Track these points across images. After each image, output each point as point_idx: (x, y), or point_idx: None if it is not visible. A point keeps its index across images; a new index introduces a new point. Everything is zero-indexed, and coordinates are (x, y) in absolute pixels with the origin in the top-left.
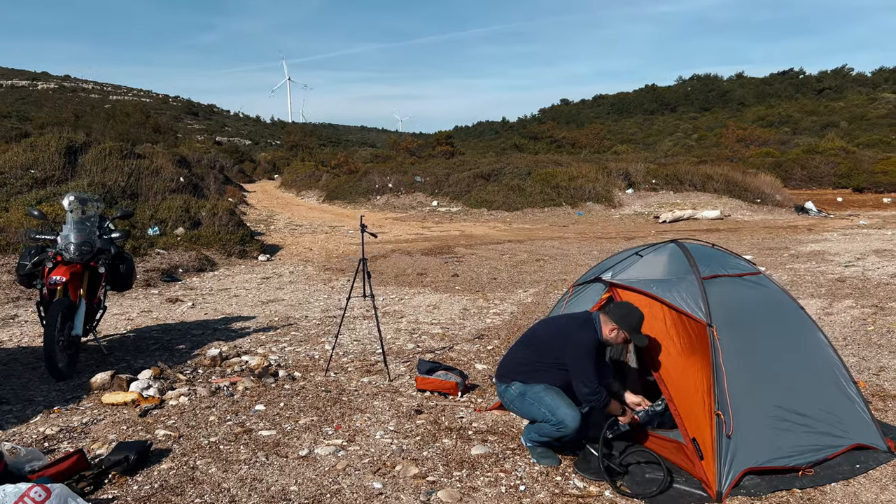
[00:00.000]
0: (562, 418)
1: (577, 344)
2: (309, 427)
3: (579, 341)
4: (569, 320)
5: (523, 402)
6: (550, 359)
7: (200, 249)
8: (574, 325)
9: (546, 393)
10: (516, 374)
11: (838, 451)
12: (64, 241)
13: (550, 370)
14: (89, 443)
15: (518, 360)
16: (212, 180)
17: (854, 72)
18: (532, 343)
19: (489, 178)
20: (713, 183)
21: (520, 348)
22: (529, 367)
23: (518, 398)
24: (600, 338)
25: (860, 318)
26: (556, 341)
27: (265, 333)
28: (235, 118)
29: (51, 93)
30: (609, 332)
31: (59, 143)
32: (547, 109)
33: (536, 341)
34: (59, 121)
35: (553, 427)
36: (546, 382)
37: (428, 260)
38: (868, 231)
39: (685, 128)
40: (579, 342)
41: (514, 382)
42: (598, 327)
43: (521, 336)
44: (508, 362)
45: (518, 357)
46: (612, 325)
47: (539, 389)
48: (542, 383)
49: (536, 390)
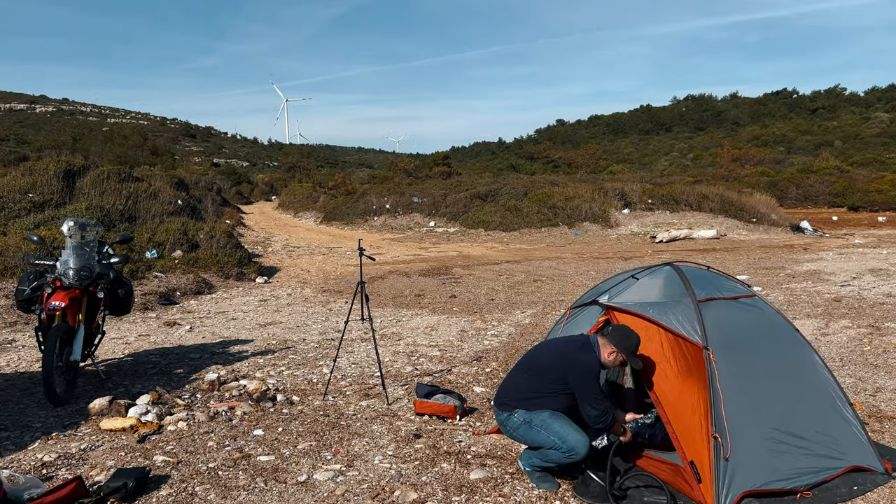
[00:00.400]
0: (573, 445)
1: (583, 368)
2: (307, 452)
3: (584, 365)
4: (568, 344)
5: (530, 430)
6: (553, 384)
7: (198, 272)
8: (575, 349)
9: (554, 420)
10: (518, 402)
11: (836, 473)
12: (63, 267)
13: (553, 395)
14: (88, 469)
15: (519, 386)
16: (209, 202)
17: (847, 91)
18: (532, 368)
19: (486, 199)
20: (709, 202)
21: (520, 374)
22: (532, 393)
23: (523, 426)
24: (599, 360)
25: (856, 339)
26: (559, 366)
27: (263, 357)
28: (233, 140)
29: (49, 116)
30: (608, 355)
31: (58, 167)
32: (543, 130)
33: (537, 367)
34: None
35: (564, 454)
36: (550, 408)
37: (426, 281)
38: (863, 250)
39: (680, 147)
40: (584, 366)
41: (518, 410)
42: (596, 350)
43: (520, 361)
44: (509, 389)
45: (519, 384)
46: (611, 349)
47: (546, 416)
48: (546, 409)
49: (543, 417)
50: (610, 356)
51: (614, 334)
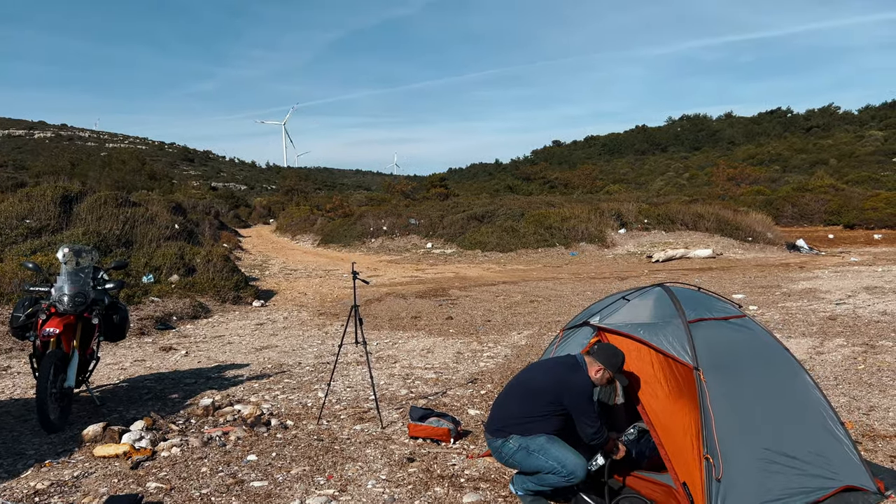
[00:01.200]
0: (572, 469)
1: (578, 389)
2: (301, 477)
3: (579, 386)
4: (558, 366)
5: (528, 456)
6: (546, 406)
7: (195, 296)
8: (567, 371)
9: (551, 444)
10: (513, 428)
11: (828, 492)
12: (58, 293)
13: (547, 418)
14: (80, 497)
15: (512, 411)
16: (207, 226)
17: (841, 110)
18: (524, 392)
19: (483, 220)
20: (705, 222)
21: (511, 399)
22: (525, 418)
23: (520, 452)
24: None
25: (851, 357)
26: (553, 389)
27: (258, 381)
28: (231, 163)
29: (47, 142)
30: (595, 372)
31: (55, 193)
32: (539, 151)
33: (529, 390)
34: (55, 170)
35: (563, 478)
36: (544, 432)
37: (422, 303)
38: (859, 268)
39: (676, 167)
40: (579, 387)
41: (512, 436)
42: (584, 369)
43: (508, 386)
44: (501, 416)
45: (511, 409)
46: (598, 366)
47: (542, 441)
48: (542, 433)
49: (540, 442)
50: (597, 374)
51: (600, 353)
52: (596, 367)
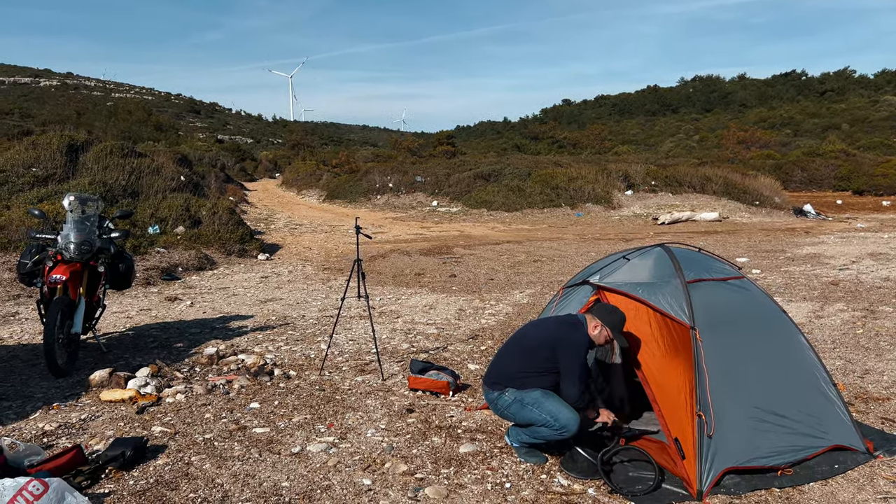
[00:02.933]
0: (565, 423)
1: (573, 344)
2: (302, 425)
3: (574, 341)
4: (558, 323)
5: (522, 409)
6: (543, 362)
7: (200, 248)
8: (566, 329)
9: (546, 398)
10: (509, 381)
11: (817, 451)
12: (64, 241)
13: (544, 374)
14: (87, 439)
15: (509, 366)
16: (213, 179)
17: (856, 74)
18: (522, 348)
19: (489, 179)
20: (712, 185)
21: (509, 354)
22: (522, 372)
23: (515, 404)
24: (588, 338)
25: (850, 322)
26: (550, 345)
27: (262, 332)
28: (237, 116)
29: (53, 90)
30: (593, 328)
31: (61, 142)
32: (549, 109)
33: (527, 346)
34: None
35: (555, 431)
36: (540, 387)
37: (426, 260)
38: (865, 234)
39: (686, 129)
40: (574, 342)
41: (508, 389)
42: (585, 327)
43: (509, 341)
44: (499, 369)
45: (509, 363)
46: (596, 322)
47: (538, 395)
48: (537, 388)
49: (535, 396)
50: (595, 330)
51: (599, 310)
52: (594, 322)
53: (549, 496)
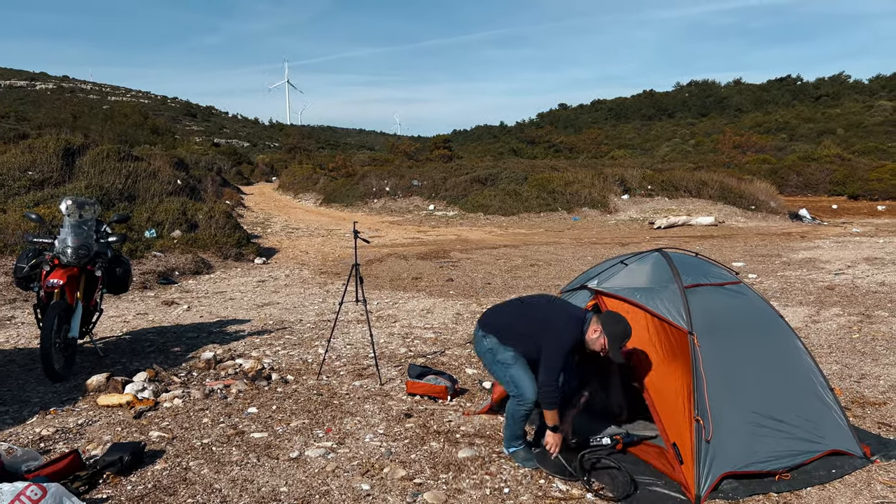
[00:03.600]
0: (522, 391)
1: (556, 340)
2: (300, 429)
3: (561, 337)
4: (563, 311)
5: (493, 362)
6: (530, 333)
7: (197, 252)
8: (564, 319)
9: (514, 363)
10: (495, 329)
11: (815, 456)
12: (61, 245)
13: (525, 340)
14: (84, 443)
15: (502, 316)
16: (209, 182)
17: (851, 79)
18: (522, 311)
19: (486, 183)
20: (708, 189)
21: (510, 310)
22: (510, 330)
23: (489, 353)
24: (584, 336)
25: (846, 326)
26: (542, 324)
27: (259, 337)
28: (234, 120)
29: (49, 93)
30: (592, 332)
31: (57, 145)
32: (545, 114)
33: (526, 312)
34: (57, 122)
35: (515, 399)
36: (517, 347)
37: (423, 264)
38: (860, 239)
39: (682, 133)
40: (560, 338)
41: (490, 336)
42: (585, 327)
43: (521, 297)
44: (495, 315)
45: (504, 314)
46: (596, 327)
47: (509, 357)
48: (514, 348)
49: (506, 357)
50: (594, 334)
51: (606, 317)
52: (595, 327)
53: (547, 501)
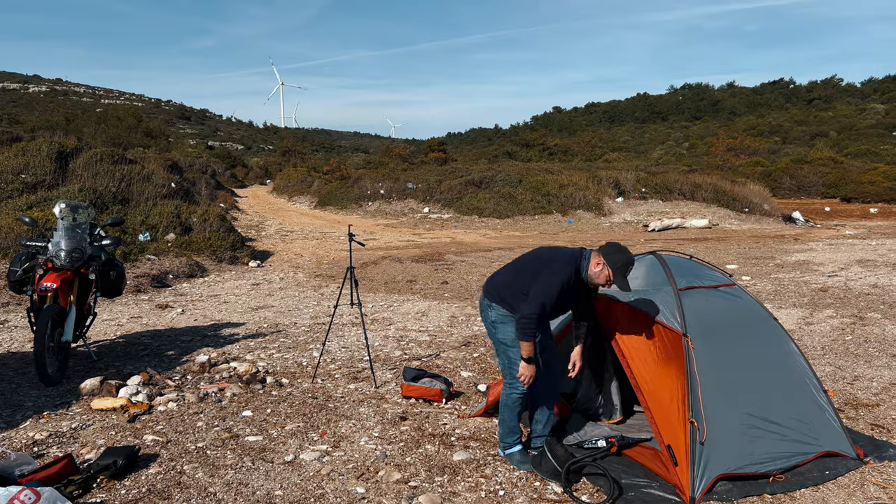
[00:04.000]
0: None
1: (552, 273)
2: (295, 433)
3: (555, 272)
4: (560, 252)
5: (494, 335)
6: (529, 279)
7: (191, 255)
8: (561, 259)
9: (514, 346)
10: (499, 298)
11: (809, 457)
12: (54, 248)
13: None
14: (78, 448)
15: (506, 280)
16: (203, 185)
17: (843, 82)
18: (523, 264)
19: (481, 186)
20: (702, 192)
21: (509, 267)
22: (508, 290)
23: (491, 326)
24: (584, 273)
25: (839, 328)
26: (539, 265)
27: (254, 340)
28: (228, 123)
29: (42, 96)
30: (595, 265)
31: (51, 148)
32: (539, 117)
33: (527, 262)
34: (50, 124)
35: (507, 384)
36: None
37: (418, 267)
38: (853, 241)
39: (676, 136)
40: (555, 272)
41: (495, 305)
42: (584, 264)
43: (523, 255)
44: (496, 279)
45: (506, 278)
46: (598, 259)
47: (511, 335)
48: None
49: (508, 333)
50: (597, 267)
51: (607, 247)
52: (597, 260)
53: (542, 503)
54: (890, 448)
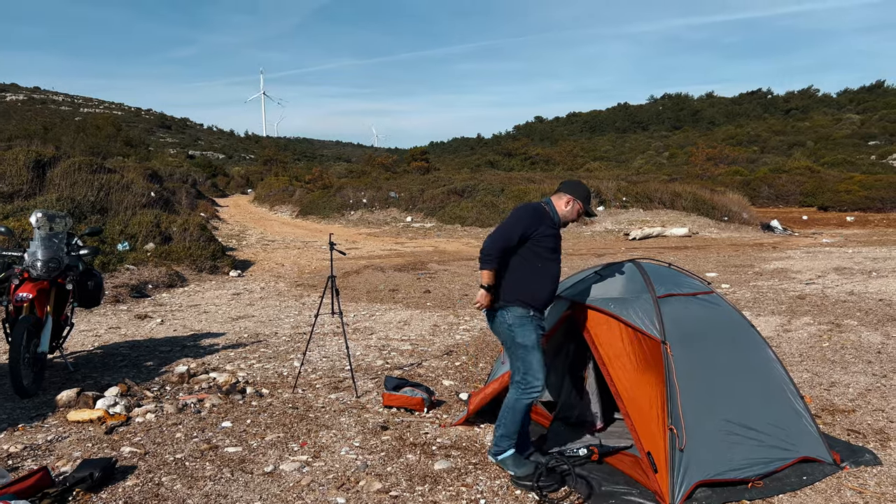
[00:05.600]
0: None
1: (514, 211)
2: (275, 443)
3: (517, 210)
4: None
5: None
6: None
7: (171, 265)
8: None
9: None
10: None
11: (786, 463)
12: (31, 258)
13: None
14: (54, 460)
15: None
16: (184, 195)
17: (820, 93)
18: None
19: (463, 195)
20: (682, 201)
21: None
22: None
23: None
24: (556, 216)
25: (816, 335)
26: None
27: (234, 350)
28: (209, 132)
29: (20, 104)
30: (565, 205)
31: (28, 157)
32: (522, 126)
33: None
34: (27, 133)
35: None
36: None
37: (400, 276)
38: (830, 249)
39: (656, 146)
40: (517, 210)
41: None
42: (551, 208)
43: None
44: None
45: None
46: (566, 198)
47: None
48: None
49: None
50: (567, 205)
51: (566, 185)
52: (565, 199)
53: None
54: (866, 453)
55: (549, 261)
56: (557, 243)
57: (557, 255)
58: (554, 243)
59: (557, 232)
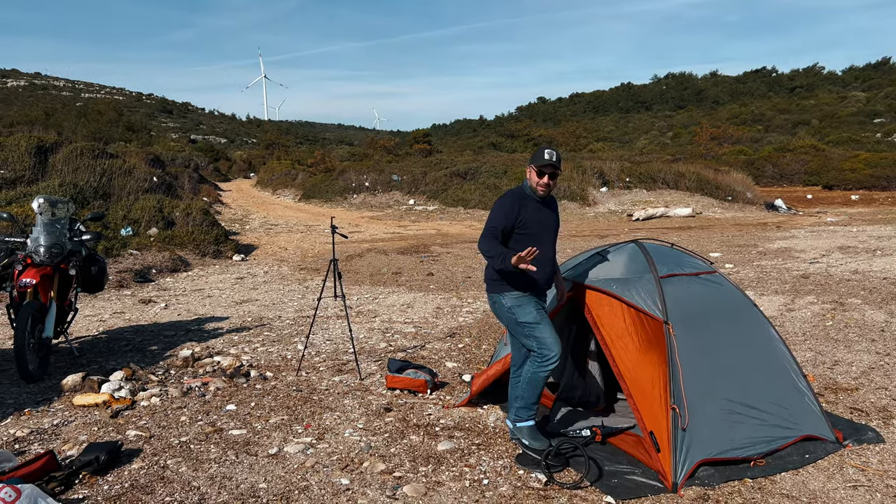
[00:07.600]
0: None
1: (494, 205)
2: (279, 426)
3: (496, 203)
4: None
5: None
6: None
7: (174, 250)
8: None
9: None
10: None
11: (789, 441)
12: (34, 244)
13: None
14: (60, 444)
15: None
16: (186, 179)
17: (825, 70)
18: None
19: (466, 177)
20: (685, 181)
21: None
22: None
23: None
24: (526, 190)
25: (820, 314)
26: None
27: (238, 334)
28: (211, 116)
29: (21, 90)
30: (531, 179)
31: (30, 143)
32: (524, 107)
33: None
34: (29, 119)
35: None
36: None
37: (403, 259)
38: (835, 228)
39: (660, 126)
40: (495, 203)
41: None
42: (527, 187)
43: None
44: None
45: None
46: (530, 169)
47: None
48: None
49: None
50: (533, 179)
51: (531, 159)
52: (529, 170)
53: (526, 491)
54: (868, 431)
55: (541, 244)
56: (544, 216)
57: (549, 235)
58: (538, 224)
59: (541, 206)
